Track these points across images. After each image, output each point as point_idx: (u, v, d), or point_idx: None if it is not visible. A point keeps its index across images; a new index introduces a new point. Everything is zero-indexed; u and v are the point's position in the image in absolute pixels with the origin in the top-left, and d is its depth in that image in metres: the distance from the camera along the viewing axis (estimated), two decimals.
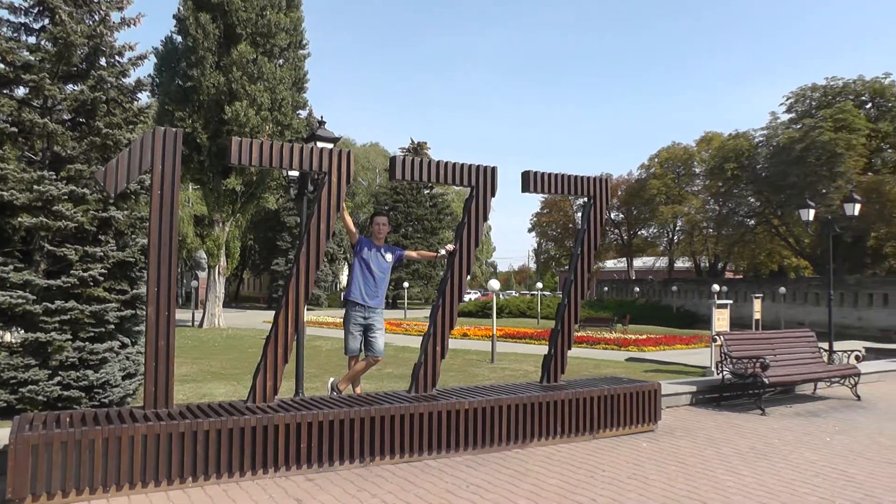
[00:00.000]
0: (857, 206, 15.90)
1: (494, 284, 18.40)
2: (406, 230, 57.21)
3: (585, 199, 7.54)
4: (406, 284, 47.12)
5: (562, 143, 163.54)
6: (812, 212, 17.10)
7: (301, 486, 5.02)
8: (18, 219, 7.73)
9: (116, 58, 9.20)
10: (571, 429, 6.63)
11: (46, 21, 8.79)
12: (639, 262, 70.49)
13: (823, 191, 37.30)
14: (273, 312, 5.87)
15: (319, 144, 7.06)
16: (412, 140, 64.75)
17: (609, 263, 73.84)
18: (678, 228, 59.21)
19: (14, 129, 8.02)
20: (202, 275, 43.09)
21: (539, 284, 45.31)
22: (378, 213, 7.15)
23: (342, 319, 7.13)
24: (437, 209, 60.34)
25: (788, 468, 5.85)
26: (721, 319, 12.86)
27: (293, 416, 5.27)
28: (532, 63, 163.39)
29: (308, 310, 35.26)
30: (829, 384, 9.83)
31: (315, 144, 6.73)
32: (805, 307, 38.78)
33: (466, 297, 52.89)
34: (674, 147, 57.89)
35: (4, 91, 8.49)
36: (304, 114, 31.44)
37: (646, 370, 14.78)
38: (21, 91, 8.66)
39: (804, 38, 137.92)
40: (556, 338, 7.20)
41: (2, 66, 8.30)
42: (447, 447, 5.94)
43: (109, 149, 8.52)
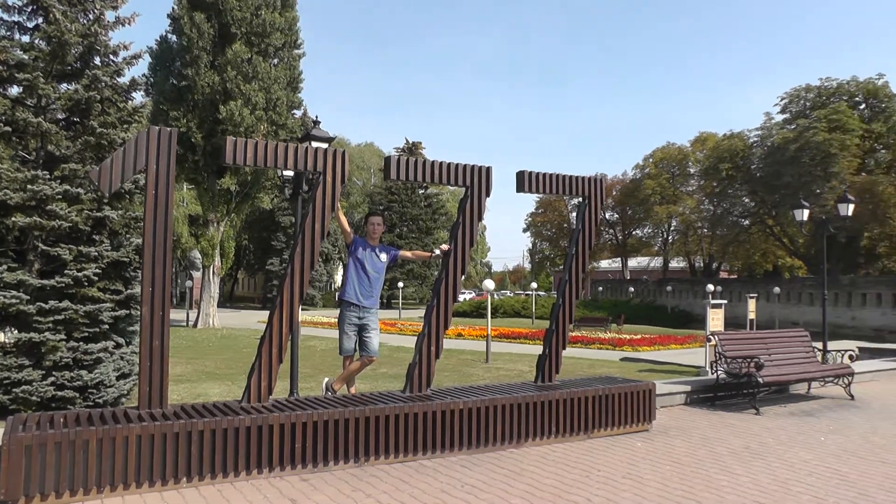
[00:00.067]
0: (851, 207, 15.98)
1: (489, 284, 18.42)
2: (401, 230, 57.20)
3: (580, 200, 7.54)
4: (401, 284, 47.14)
5: (557, 144, 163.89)
6: (806, 212, 17.17)
7: (296, 487, 5.02)
8: (12, 218, 7.69)
9: (111, 57, 9.17)
10: (566, 428, 6.64)
11: (40, 20, 8.74)
12: (633, 262, 70.66)
13: (817, 191, 37.49)
14: (268, 312, 5.86)
15: (314, 144, 7.05)
16: (407, 140, 64.82)
17: (604, 263, 73.98)
18: (673, 228, 59.43)
19: (8, 129, 7.98)
20: (197, 275, 42.99)
21: (534, 284, 45.42)
22: (373, 213, 7.16)
23: (337, 319, 7.13)
24: (432, 209, 60.36)
25: (783, 467, 5.87)
26: (716, 319, 12.90)
27: (288, 416, 5.26)
28: (530, 63, 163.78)
29: (303, 310, 35.25)
30: (823, 384, 9.86)
31: (310, 144, 6.74)
32: (799, 307, 38.93)
33: (461, 297, 52.91)
34: (668, 147, 58.03)
35: None
36: (299, 113, 31.42)
37: (640, 370, 14.82)
38: (15, 90, 8.61)
39: (803, 39, 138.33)
40: (551, 338, 7.20)
41: None
42: (442, 447, 5.94)
43: (104, 148, 8.50)
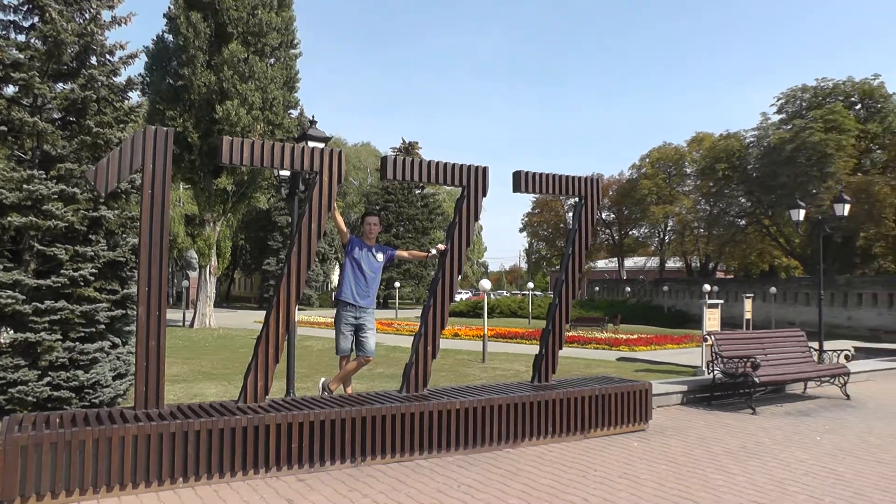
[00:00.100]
0: (847, 207, 16.00)
1: (486, 284, 18.42)
2: (397, 230, 57.15)
3: (576, 200, 7.55)
4: (397, 284, 47.10)
5: (557, 144, 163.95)
6: (802, 212, 17.19)
7: (292, 487, 5.02)
8: (8, 218, 7.66)
9: (107, 56, 9.14)
10: (563, 428, 6.65)
11: (36, 19, 8.71)
12: (630, 262, 70.68)
13: (814, 191, 37.54)
14: (264, 312, 5.86)
15: (311, 144, 7.06)
16: (403, 140, 64.72)
17: (600, 263, 74.02)
18: (669, 228, 59.44)
19: (3, 128, 7.95)
20: (193, 275, 42.91)
21: (530, 284, 45.37)
22: (369, 213, 7.17)
23: (333, 319, 7.12)
24: (429, 209, 60.32)
25: (779, 467, 5.89)
26: (712, 319, 12.92)
27: (284, 417, 5.26)
28: (530, 63, 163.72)
29: (299, 310, 35.19)
30: (819, 383, 9.88)
31: (306, 144, 6.74)
32: (795, 307, 39.00)
33: (457, 297, 52.92)
34: (665, 147, 58.08)
35: None
36: (296, 113, 31.41)
37: (637, 370, 14.83)
38: (10, 89, 8.58)
39: (803, 39, 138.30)
40: (548, 337, 7.21)
41: None
42: (438, 447, 5.94)
43: (100, 148, 8.47)
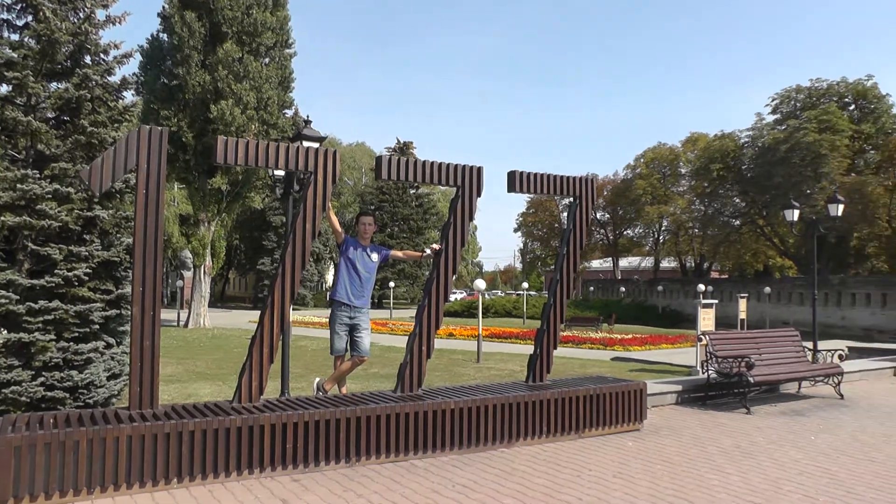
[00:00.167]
0: (841, 207, 16.06)
1: (480, 284, 18.45)
2: (392, 230, 57.14)
3: (571, 199, 7.56)
4: (392, 284, 47.06)
5: (552, 144, 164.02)
6: (796, 212, 17.23)
7: (287, 487, 5.01)
8: (2, 218, 7.64)
9: (101, 56, 9.11)
10: (557, 428, 6.65)
11: (30, 18, 8.68)
12: (624, 262, 70.84)
13: (808, 191, 37.71)
14: (258, 312, 5.85)
15: (305, 144, 7.05)
16: (398, 140, 64.70)
17: (595, 263, 74.13)
18: (664, 228, 59.62)
19: None
20: (187, 274, 42.79)
21: (525, 284, 45.47)
22: (364, 213, 7.15)
23: (328, 319, 7.12)
24: (423, 209, 60.32)
25: (773, 466, 5.90)
26: (706, 319, 12.94)
27: (279, 417, 5.26)
28: (530, 63, 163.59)
29: (294, 309, 35.12)
30: (814, 383, 9.91)
31: (301, 144, 6.72)
32: (790, 307, 39.15)
33: (452, 297, 52.90)
34: (660, 147, 58.24)
35: None
36: (290, 113, 31.37)
37: (631, 370, 14.86)
38: (4, 89, 8.55)
39: (802, 39, 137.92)
40: (542, 337, 7.21)
41: None
42: (433, 447, 5.94)
43: (94, 147, 8.45)
